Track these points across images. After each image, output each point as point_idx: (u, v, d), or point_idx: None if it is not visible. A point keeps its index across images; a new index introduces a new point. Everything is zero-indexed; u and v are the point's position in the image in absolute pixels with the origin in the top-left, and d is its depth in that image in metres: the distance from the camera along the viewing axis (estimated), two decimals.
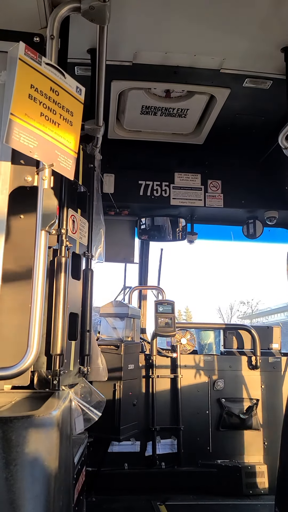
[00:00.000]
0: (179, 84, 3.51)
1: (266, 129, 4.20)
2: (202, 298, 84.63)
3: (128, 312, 4.10)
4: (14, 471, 1.27)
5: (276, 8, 2.62)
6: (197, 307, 78.76)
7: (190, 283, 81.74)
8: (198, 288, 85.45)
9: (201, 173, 4.63)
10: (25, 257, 1.99)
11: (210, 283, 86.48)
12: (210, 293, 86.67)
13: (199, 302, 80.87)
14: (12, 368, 1.80)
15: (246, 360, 4.63)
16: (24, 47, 1.84)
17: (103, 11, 2.05)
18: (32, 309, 1.83)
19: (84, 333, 2.63)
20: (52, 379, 2.09)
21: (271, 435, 4.39)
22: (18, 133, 1.78)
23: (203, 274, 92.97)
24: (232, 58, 3.15)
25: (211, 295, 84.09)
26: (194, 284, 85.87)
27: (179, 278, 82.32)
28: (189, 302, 78.09)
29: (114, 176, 4.50)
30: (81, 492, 2.38)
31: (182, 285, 78.04)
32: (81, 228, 2.68)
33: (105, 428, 3.36)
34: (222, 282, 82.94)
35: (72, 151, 2.03)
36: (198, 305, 79.42)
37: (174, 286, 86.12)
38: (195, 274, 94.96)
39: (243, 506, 3.90)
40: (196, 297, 79.95)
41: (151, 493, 4.08)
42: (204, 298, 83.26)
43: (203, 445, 4.43)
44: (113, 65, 3.16)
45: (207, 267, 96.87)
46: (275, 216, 4.68)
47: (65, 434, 1.66)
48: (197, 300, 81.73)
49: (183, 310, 60.03)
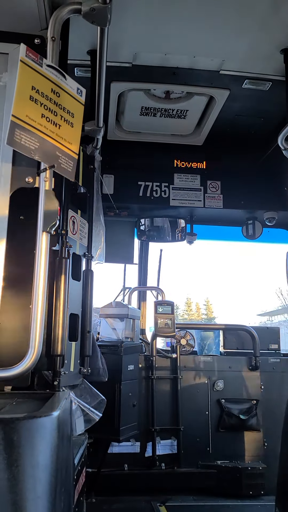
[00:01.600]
0: (179, 85, 3.52)
1: (266, 131, 4.21)
2: (227, 290, 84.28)
3: (128, 313, 4.10)
4: (15, 472, 1.27)
5: (275, 10, 2.63)
6: (219, 299, 77.85)
7: (211, 276, 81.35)
8: (222, 281, 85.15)
9: (201, 174, 4.64)
10: (26, 258, 2.00)
11: (236, 276, 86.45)
12: (239, 285, 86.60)
13: (222, 295, 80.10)
14: (13, 369, 1.81)
15: (246, 361, 4.64)
16: (25, 49, 1.85)
17: (104, 13, 2.05)
18: (33, 310, 1.83)
19: (85, 334, 2.63)
20: (53, 380, 2.09)
21: (271, 435, 4.39)
22: (19, 134, 1.78)
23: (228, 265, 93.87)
24: (231, 59, 3.16)
25: (243, 286, 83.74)
26: (217, 277, 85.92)
27: (199, 271, 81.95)
28: (210, 295, 77.54)
29: (114, 177, 4.50)
30: (81, 493, 2.38)
31: (202, 279, 77.34)
32: (81, 229, 2.68)
33: (105, 429, 3.35)
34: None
35: (73, 152, 2.03)
36: (220, 298, 78.73)
37: (191, 280, 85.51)
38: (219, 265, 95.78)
39: (243, 507, 3.90)
40: (219, 290, 79.34)
41: (151, 494, 4.08)
42: (228, 290, 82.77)
43: (203, 446, 4.43)
44: (113, 67, 3.17)
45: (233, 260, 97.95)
46: (275, 217, 4.69)
47: (65, 435, 1.66)
48: (219, 293, 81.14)
49: (202, 303, 58.65)
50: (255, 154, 4.62)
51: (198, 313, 58.31)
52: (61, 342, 2.14)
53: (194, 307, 58.98)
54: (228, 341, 4.83)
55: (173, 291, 55.88)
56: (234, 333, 4.88)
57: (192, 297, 68.97)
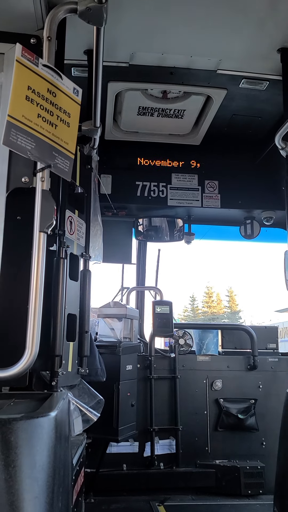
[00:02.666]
0: (176, 85, 3.52)
1: (263, 130, 4.21)
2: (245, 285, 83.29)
3: (126, 313, 4.09)
4: (13, 473, 1.27)
5: (272, 9, 2.63)
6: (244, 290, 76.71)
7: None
8: (240, 276, 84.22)
9: (198, 174, 4.64)
10: (23, 258, 1.99)
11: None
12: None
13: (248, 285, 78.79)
14: (10, 369, 1.80)
15: (244, 360, 4.64)
16: (21, 48, 1.84)
17: (100, 13, 2.05)
18: (30, 310, 1.83)
19: (82, 334, 2.63)
20: (51, 380, 2.09)
21: (269, 435, 4.39)
22: (16, 134, 1.78)
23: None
24: (228, 59, 3.16)
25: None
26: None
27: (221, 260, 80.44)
28: (233, 285, 75.75)
29: (112, 177, 4.50)
30: (79, 494, 2.38)
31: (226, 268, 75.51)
32: (78, 229, 2.68)
33: (103, 429, 3.36)
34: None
35: (69, 152, 2.03)
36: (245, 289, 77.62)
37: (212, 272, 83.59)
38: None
39: (241, 506, 3.91)
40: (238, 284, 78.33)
41: (150, 494, 4.07)
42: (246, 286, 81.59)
43: (201, 446, 4.43)
44: (110, 66, 3.17)
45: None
46: (272, 217, 4.69)
47: (63, 435, 1.66)
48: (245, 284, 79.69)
49: (225, 294, 54.08)
50: (252, 153, 4.62)
51: (220, 306, 53.55)
52: (59, 342, 2.14)
53: (215, 297, 54.21)
54: (226, 340, 4.83)
55: (173, 290, 55.07)
56: (232, 333, 4.88)
57: (214, 287, 64.84)
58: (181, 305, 55.16)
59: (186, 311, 54.03)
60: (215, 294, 55.35)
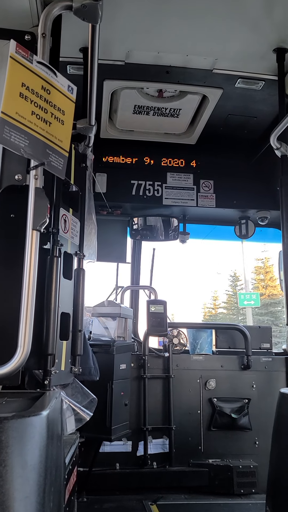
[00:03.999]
0: (172, 84, 3.52)
1: (258, 130, 4.22)
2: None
3: (120, 312, 4.09)
4: (3, 472, 1.26)
5: (268, 9, 2.64)
6: None
7: None
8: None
9: (194, 173, 4.64)
10: (16, 256, 1.98)
11: None
12: None
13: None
14: (2, 367, 1.79)
15: (238, 360, 4.65)
16: (15, 45, 1.83)
17: (95, 10, 2.04)
18: (22, 308, 1.82)
19: (76, 333, 2.62)
20: (43, 379, 2.08)
21: (262, 434, 4.41)
22: (9, 131, 1.76)
23: None
24: (224, 58, 3.16)
25: None
26: None
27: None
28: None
29: (107, 175, 4.49)
30: (72, 493, 2.38)
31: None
32: (72, 227, 2.67)
33: (96, 428, 3.35)
34: None
35: (63, 150, 2.02)
36: None
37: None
38: None
39: (234, 505, 3.91)
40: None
41: (143, 493, 4.07)
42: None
43: (194, 445, 4.43)
44: (105, 64, 3.16)
45: None
46: (267, 216, 4.70)
47: (56, 434, 1.65)
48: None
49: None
50: (247, 153, 4.63)
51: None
52: (52, 341, 2.13)
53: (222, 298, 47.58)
54: (220, 340, 4.83)
55: (172, 290, 54.73)
56: (226, 332, 4.89)
57: (219, 290, 62.38)
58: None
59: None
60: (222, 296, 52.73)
